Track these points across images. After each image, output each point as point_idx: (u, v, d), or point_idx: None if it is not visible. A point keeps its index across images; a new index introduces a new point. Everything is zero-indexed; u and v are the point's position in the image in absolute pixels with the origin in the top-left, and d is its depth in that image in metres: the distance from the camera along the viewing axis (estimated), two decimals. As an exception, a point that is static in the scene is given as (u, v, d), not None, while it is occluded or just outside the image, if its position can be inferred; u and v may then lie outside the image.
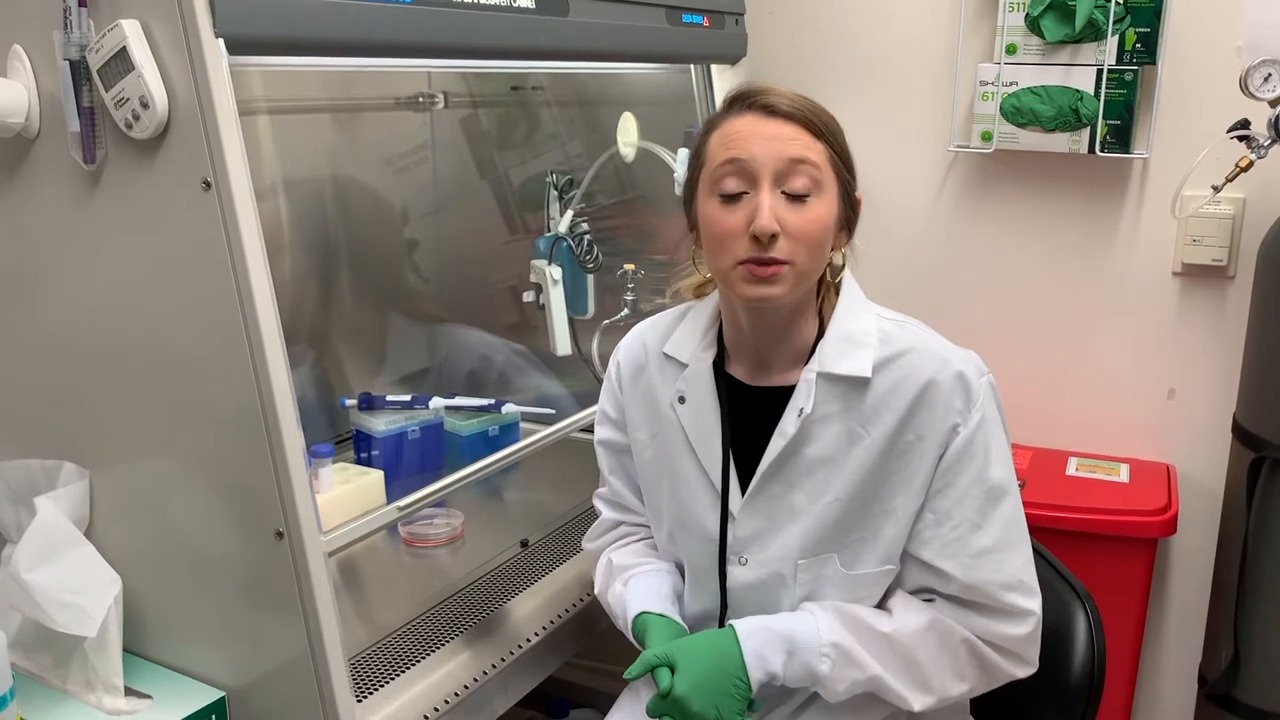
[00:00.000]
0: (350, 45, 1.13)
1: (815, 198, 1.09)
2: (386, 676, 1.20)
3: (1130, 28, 1.77)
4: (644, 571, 1.26)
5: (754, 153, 1.08)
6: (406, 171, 1.99)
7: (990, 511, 1.13)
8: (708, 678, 1.09)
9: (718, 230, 1.10)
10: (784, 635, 1.12)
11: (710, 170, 1.12)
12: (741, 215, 1.09)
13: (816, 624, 1.12)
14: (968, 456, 1.12)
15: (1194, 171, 1.65)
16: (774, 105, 1.10)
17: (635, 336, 1.32)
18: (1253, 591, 1.65)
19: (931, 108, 1.96)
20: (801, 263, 1.09)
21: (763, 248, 1.07)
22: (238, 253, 0.99)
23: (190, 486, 1.12)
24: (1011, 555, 1.14)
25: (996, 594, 1.12)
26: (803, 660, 1.11)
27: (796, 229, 1.08)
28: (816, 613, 1.14)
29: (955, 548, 1.12)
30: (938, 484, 1.13)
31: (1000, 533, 1.13)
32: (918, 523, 1.14)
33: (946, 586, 1.14)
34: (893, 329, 1.16)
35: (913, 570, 1.16)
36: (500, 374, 1.97)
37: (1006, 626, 1.13)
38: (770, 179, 1.08)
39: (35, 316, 1.19)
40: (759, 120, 1.10)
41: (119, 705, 1.14)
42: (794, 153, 1.08)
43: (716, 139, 1.13)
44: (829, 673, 1.11)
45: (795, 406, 1.15)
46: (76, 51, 1.02)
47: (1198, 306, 1.86)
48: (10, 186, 1.15)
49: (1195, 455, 1.88)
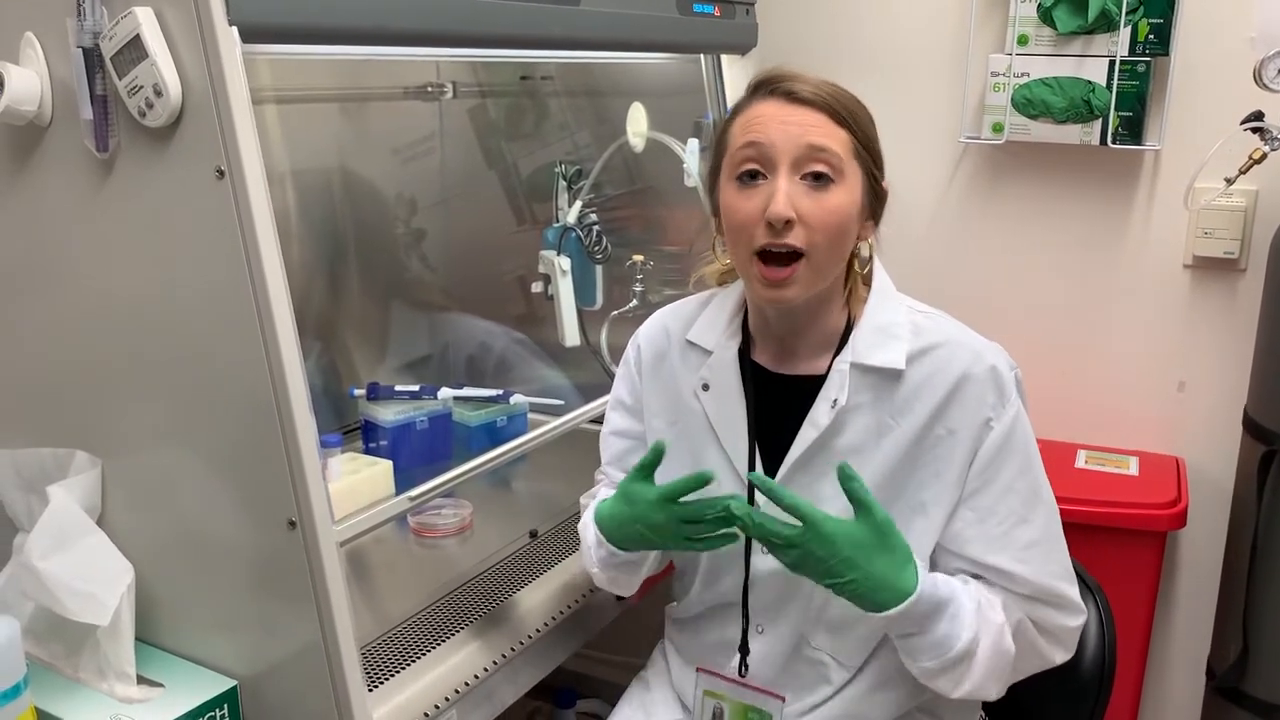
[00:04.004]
0: (362, 34, 1.12)
1: (835, 186, 1.08)
2: (396, 666, 1.20)
3: (1143, 19, 1.76)
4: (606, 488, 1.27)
5: (772, 137, 1.08)
6: (414, 161, 1.98)
7: (1035, 504, 1.13)
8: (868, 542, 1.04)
9: (736, 217, 1.10)
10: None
11: (730, 154, 1.11)
12: (758, 200, 1.08)
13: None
14: (1007, 452, 1.12)
15: (1206, 163, 1.65)
16: (796, 91, 1.09)
17: (657, 322, 1.30)
18: (1262, 585, 1.65)
19: (942, 99, 1.95)
20: (819, 253, 1.08)
21: (777, 234, 1.06)
22: (251, 241, 0.99)
23: (202, 475, 1.12)
24: (1057, 547, 1.14)
25: (1050, 585, 1.12)
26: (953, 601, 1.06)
27: (814, 217, 1.07)
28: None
29: (1003, 542, 1.12)
30: (976, 481, 1.12)
31: (1045, 524, 1.13)
32: (956, 522, 1.13)
33: (1013, 585, 1.12)
34: (924, 321, 1.16)
35: (963, 567, 1.14)
36: (500, 361, 1.96)
37: (1065, 618, 1.14)
38: (788, 165, 1.07)
39: (47, 305, 1.19)
40: (781, 106, 1.09)
41: (131, 693, 1.14)
42: (813, 139, 1.07)
43: (738, 123, 1.12)
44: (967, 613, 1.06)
45: (828, 397, 1.14)
46: (90, 39, 1.02)
47: (1209, 299, 1.85)
48: (23, 175, 1.15)
49: (1205, 448, 1.88)
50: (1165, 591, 1.93)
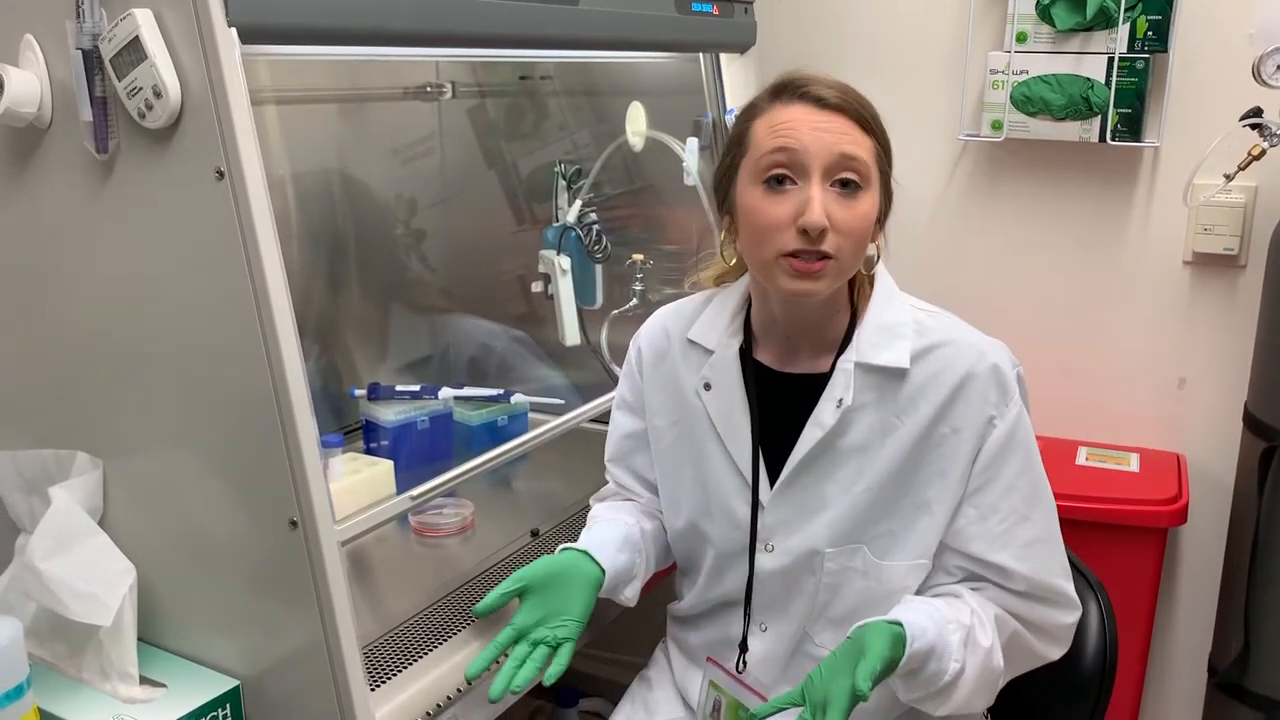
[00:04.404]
0: (361, 34, 1.12)
1: (863, 193, 1.09)
2: (398, 666, 1.20)
3: (1141, 15, 1.76)
4: (602, 521, 1.27)
5: (805, 143, 1.07)
6: (414, 162, 1.98)
7: (1036, 502, 1.14)
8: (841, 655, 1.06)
9: (763, 220, 1.09)
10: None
11: (756, 157, 1.10)
12: (789, 206, 1.07)
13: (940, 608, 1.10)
14: (1009, 450, 1.12)
15: (1206, 160, 1.65)
16: (825, 98, 1.09)
17: (657, 322, 1.31)
18: (1263, 581, 1.65)
19: (941, 96, 1.95)
20: (845, 257, 1.09)
21: (811, 241, 1.06)
22: (251, 242, 0.99)
23: (204, 476, 1.12)
24: (1056, 544, 1.15)
25: (1051, 582, 1.13)
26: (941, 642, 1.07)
27: (844, 224, 1.07)
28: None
29: (1005, 540, 1.12)
30: (978, 479, 1.13)
31: (1046, 522, 1.14)
32: (958, 520, 1.13)
33: (1008, 581, 1.13)
34: (927, 320, 1.16)
35: (963, 564, 1.15)
36: (500, 360, 1.97)
37: (1060, 614, 1.15)
38: (820, 172, 1.07)
39: (48, 307, 1.19)
40: (810, 111, 1.09)
41: (134, 694, 1.14)
42: (845, 148, 1.07)
43: (762, 126, 1.11)
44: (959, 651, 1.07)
45: (833, 397, 1.14)
46: (89, 41, 1.02)
47: (1209, 295, 1.85)
48: (23, 177, 1.15)
49: (1206, 445, 1.88)
50: (1166, 588, 1.93)
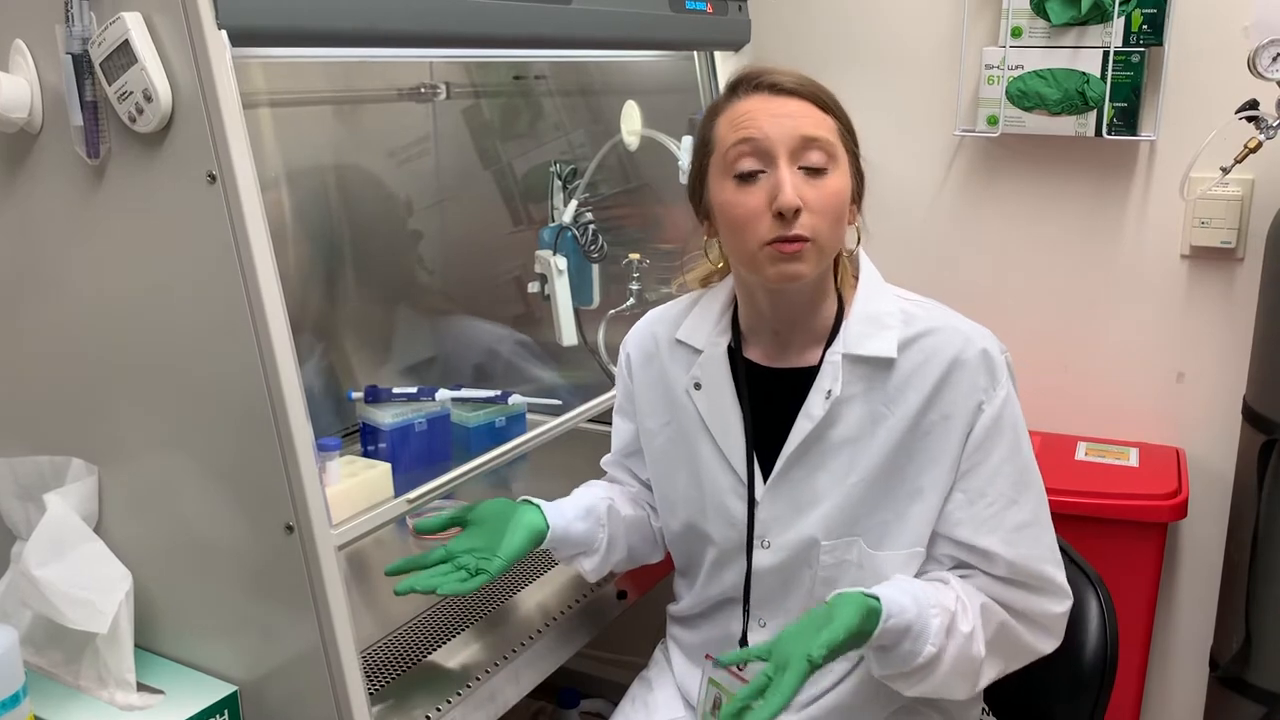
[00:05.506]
0: (353, 35, 1.12)
1: (831, 172, 1.09)
2: (398, 669, 1.20)
3: (1136, 9, 1.76)
4: (575, 493, 1.30)
5: (767, 131, 1.08)
6: (409, 163, 1.98)
7: (1024, 487, 1.13)
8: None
9: (738, 213, 1.09)
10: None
11: (722, 154, 1.11)
12: (761, 195, 1.08)
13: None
14: (997, 433, 1.12)
15: (1202, 153, 1.64)
16: (780, 83, 1.10)
17: (644, 327, 1.31)
18: (1264, 575, 1.64)
19: (937, 92, 1.95)
20: (823, 238, 1.09)
21: (787, 224, 1.07)
22: (244, 245, 0.99)
23: (199, 481, 1.11)
24: (1046, 530, 1.15)
25: (1038, 568, 1.12)
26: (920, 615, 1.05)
27: (817, 203, 1.08)
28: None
29: (993, 524, 1.12)
30: (967, 463, 1.12)
31: (1035, 507, 1.14)
32: (947, 504, 1.13)
33: (991, 566, 1.13)
34: (913, 309, 1.16)
35: (951, 551, 1.15)
36: (498, 361, 1.96)
37: (1049, 603, 1.14)
38: (786, 156, 1.08)
39: (41, 312, 1.19)
40: (766, 99, 1.10)
41: (131, 700, 1.14)
42: (806, 130, 1.08)
43: (724, 123, 1.12)
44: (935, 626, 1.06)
45: (821, 389, 1.14)
46: (79, 45, 1.01)
47: (1206, 289, 1.85)
48: (14, 182, 1.15)
49: (1205, 439, 1.88)
50: (1167, 582, 1.93)
